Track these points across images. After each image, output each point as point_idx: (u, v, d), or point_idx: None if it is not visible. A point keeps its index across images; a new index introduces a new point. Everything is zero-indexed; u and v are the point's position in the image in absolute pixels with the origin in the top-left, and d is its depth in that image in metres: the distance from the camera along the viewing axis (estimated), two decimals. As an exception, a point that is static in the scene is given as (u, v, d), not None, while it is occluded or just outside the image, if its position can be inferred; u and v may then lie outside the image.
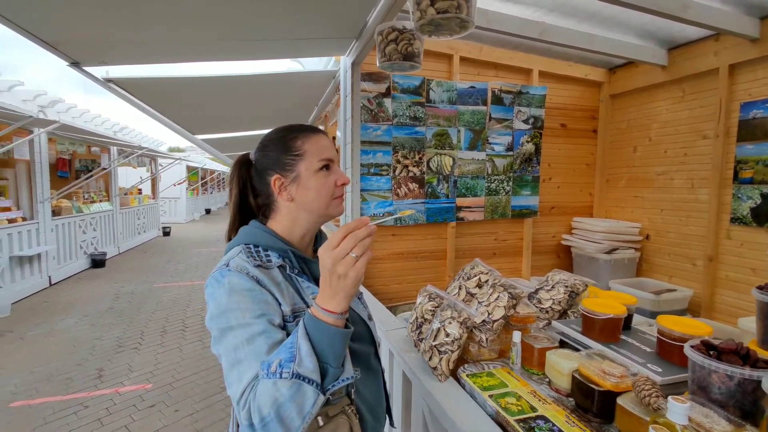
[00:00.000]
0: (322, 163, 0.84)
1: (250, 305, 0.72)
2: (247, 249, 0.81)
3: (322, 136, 0.88)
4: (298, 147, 0.85)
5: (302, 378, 0.62)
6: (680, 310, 2.44)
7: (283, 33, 1.98)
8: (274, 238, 0.84)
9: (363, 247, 0.63)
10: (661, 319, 1.07)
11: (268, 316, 0.72)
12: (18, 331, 4.24)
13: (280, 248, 0.83)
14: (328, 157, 0.85)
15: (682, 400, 0.71)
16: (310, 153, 0.85)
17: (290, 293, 0.78)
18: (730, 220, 2.34)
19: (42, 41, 1.67)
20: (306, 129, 0.88)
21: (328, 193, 0.85)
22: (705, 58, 2.44)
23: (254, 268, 0.76)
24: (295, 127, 0.89)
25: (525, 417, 0.97)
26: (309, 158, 0.84)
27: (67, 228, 6.53)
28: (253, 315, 0.71)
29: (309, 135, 0.87)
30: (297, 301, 0.78)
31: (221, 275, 0.75)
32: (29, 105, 4.73)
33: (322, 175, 0.84)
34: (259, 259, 0.79)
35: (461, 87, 2.71)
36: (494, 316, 1.24)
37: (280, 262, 0.81)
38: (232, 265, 0.76)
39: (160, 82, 2.46)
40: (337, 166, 0.88)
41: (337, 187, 0.86)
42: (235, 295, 0.72)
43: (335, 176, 0.86)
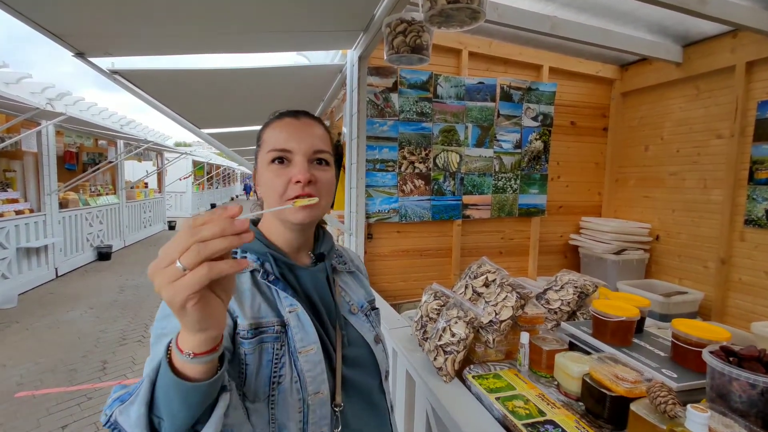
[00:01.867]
0: (274, 154, 0.70)
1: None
2: None
3: (287, 123, 0.73)
4: (261, 135, 0.75)
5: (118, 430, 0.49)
6: (690, 313, 2.39)
7: (289, 25, 1.95)
8: (255, 239, 0.71)
9: (201, 254, 0.39)
10: (676, 323, 1.04)
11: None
12: (24, 322, 4.28)
13: (259, 250, 0.72)
14: (281, 147, 0.70)
15: (702, 409, 0.68)
16: (265, 142, 0.73)
17: (256, 304, 0.67)
18: (744, 222, 2.28)
19: (47, 31, 1.65)
20: (280, 115, 0.76)
21: (278, 191, 0.69)
22: (721, 54, 2.37)
23: None
24: (277, 114, 0.77)
25: (533, 421, 0.94)
26: (263, 148, 0.73)
27: (74, 220, 6.58)
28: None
29: (273, 121, 0.75)
30: (264, 314, 0.66)
31: None
32: (37, 97, 4.74)
33: (273, 170, 0.70)
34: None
35: (469, 83, 2.66)
36: (502, 316, 1.21)
37: (256, 266, 0.71)
38: None
39: (165, 74, 2.44)
40: (300, 159, 0.70)
41: (292, 185, 0.69)
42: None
43: (293, 171, 0.69)
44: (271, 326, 0.66)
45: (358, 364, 0.75)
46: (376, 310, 0.87)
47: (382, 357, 0.81)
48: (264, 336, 0.65)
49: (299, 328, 0.67)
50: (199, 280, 0.39)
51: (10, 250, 5.03)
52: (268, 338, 0.65)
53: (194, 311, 0.41)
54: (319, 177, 0.71)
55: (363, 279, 0.92)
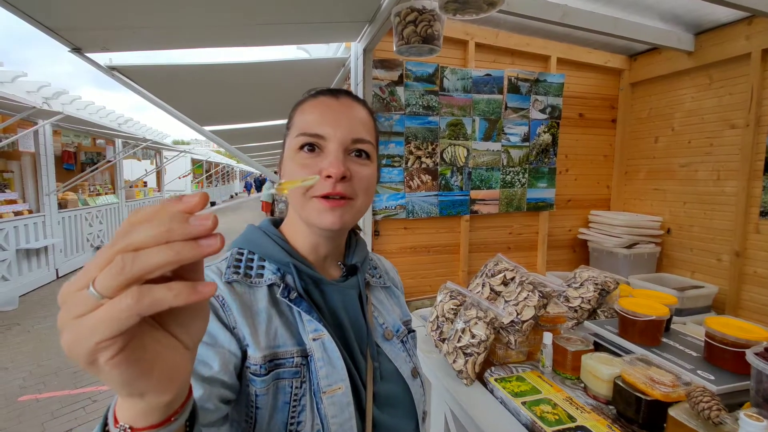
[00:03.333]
0: (301, 140, 0.57)
1: None
2: (238, 255, 0.60)
3: (322, 103, 0.60)
4: (290, 118, 0.63)
5: None
6: (705, 307, 2.35)
7: (292, 17, 1.88)
8: (275, 244, 0.61)
9: (125, 272, 0.23)
10: (710, 322, 0.99)
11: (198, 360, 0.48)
12: (25, 324, 4.23)
13: (281, 259, 0.59)
14: (312, 132, 0.57)
15: (758, 418, 0.63)
16: (294, 125, 0.60)
17: (273, 328, 0.54)
18: (760, 214, 2.23)
19: (42, 25, 1.59)
20: (316, 93, 0.63)
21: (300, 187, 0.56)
22: (736, 42, 2.31)
23: (225, 284, 0.55)
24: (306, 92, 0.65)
25: (564, 428, 0.90)
26: (292, 132, 0.60)
27: (74, 221, 6.52)
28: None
29: (305, 100, 0.62)
30: (282, 343, 0.54)
31: None
32: (33, 96, 4.66)
33: (300, 159, 0.58)
34: (244, 272, 0.58)
35: (476, 75, 2.60)
36: (524, 316, 1.16)
37: (275, 279, 0.58)
38: None
39: (164, 69, 2.37)
40: (335, 148, 0.57)
41: (321, 179, 0.56)
42: None
43: (324, 163, 0.56)
44: (289, 357, 0.54)
45: (392, 403, 0.63)
46: (413, 334, 0.73)
47: (420, 394, 0.67)
48: (280, 371, 0.53)
49: (325, 361, 0.55)
50: (118, 317, 0.22)
51: (9, 251, 4.97)
52: (286, 373, 0.53)
53: (113, 367, 0.24)
54: (357, 172, 0.58)
55: (399, 295, 0.79)
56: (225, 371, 0.49)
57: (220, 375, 0.48)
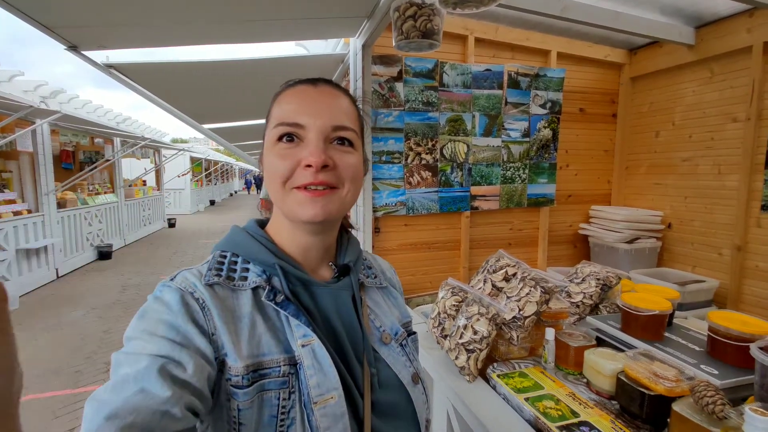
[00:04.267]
0: (279, 130, 0.55)
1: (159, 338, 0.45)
2: (220, 258, 0.57)
3: (301, 91, 0.57)
4: (269, 110, 0.60)
5: None
6: (706, 301, 2.35)
7: (289, 13, 1.87)
8: (260, 245, 0.58)
9: None
10: (713, 316, 0.98)
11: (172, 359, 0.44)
12: (26, 324, 4.23)
13: (266, 261, 0.56)
14: (291, 121, 0.54)
15: (764, 413, 0.63)
16: (272, 116, 0.58)
17: (257, 335, 0.51)
18: (761, 208, 2.23)
19: (37, 23, 1.58)
20: (294, 82, 0.60)
21: (280, 177, 0.54)
22: (737, 35, 2.29)
23: (205, 287, 0.51)
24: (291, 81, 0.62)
25: (567, 423, 0.89)
26: (270, 123, 0.58)
27: (73, 220, 6.51)
28: (155, 350, 0.44)
29: (284, 90, 0.59)
30: (267, 351, 0.50)
31: (158, 291, 0.51)
32: (30, 95, 4.64)
33: (279, 150, 0.55)
34: (227, 275, 0.54)
35: (476, 70, 2.58)
36: (526, 312, 1.15)
37: (260, 281, 0.55)
38: (177, 279, 0.52)
39: (162, 67, 2.36)
40: (315, 137, 0.54)
41: (300, 169, 0.53)
42: (150, 316, 0.48)
43: (304, 152, 0.54)
44: (275, 367, 0.50)
45: (392, 412, 0.58)
46: (413, 336, 0.69)
47: (422, 402, 0.63)
48: (266, 381, 0.49)
49: (315, 369, 0.51)
50: None
51: (9, 251, 4.96)
52: (272, 384, 0.49)
53: None
54: (339, 161, 0.55)
55: (397, 295, 0.74)
56: (198, 378, 0.45)
57: (193, 380, 0.44)
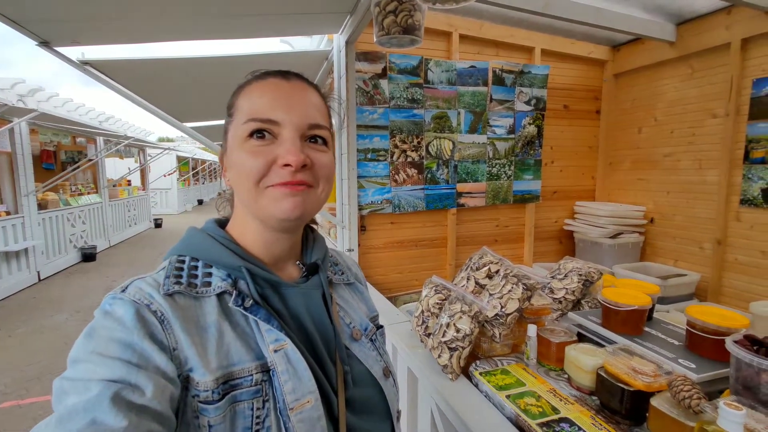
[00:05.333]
0: (251, 126, 0.52)
1: (112, 359, 0.41)
2: (178, 263, 0.53)
3: (272, 84, 0.55)
4: (233, 103, 0.57)
5: None
6: (687, 294, 2.39)
7: (271, 8, 1.83)
8: (223, 247, 0.55)
9: None
10: (690, 310, 0.99)
11: (127, 383, 0.41)
12: (6, 328, 4.12)
13: (231, 264, 0.53)
14: (264, 117, 0.52)
15: (737, 406, 0.63)
16: (239, 110, 0.55)
17: (225, 344, 0.48)
18: (740, 202, 2.27)
19: (5, 17, 1.52)
20: (262, 74, 0.57)
21: (253, 176, 0.51)
22: (716, 32, 2.33)
23: (164, 297, 0.48)
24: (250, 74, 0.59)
25: (548, 420, 0.89)
26: (237, 118, 0.55)
27: (55, 221, 6.34)
28: (107, 374, 0.40)
29: (250, 83, 0.57)
30: (237, 360, 0.48)
31: (107, 304, 0.47)
32: (6, 93, 4.50)
33: (250, 147, 0.52)
34: (188, 282, 0.51)
35: (461, 67, 2.58)
36: (508, 309, 1.15)
37: (226, 286, 0.52)
38: (129, 290, 0.48)
39: (140, 64, 2.29)
40: (291, 135, 0.52)
41: (277, 167, 0.52)
42: (102, 333, 0.43)
43: (280, 150, 0.52)
44: (247, 376, 0.47)
45: (366, 408, 0.58)
46: (381, 330, 0.69)
47: (393, 394, 0.64)
48: (237, 392, 0.46)
49: (290, 374, 0.49)
50: None
51: (-13, 254, 4.82)
52: (244, 395, 0.47)
53: None
54: (317, 160, 0.54)
55: (363, 290, 0.74)
56: (159, 400, 0.41)
57: (153, 404, 0.41)
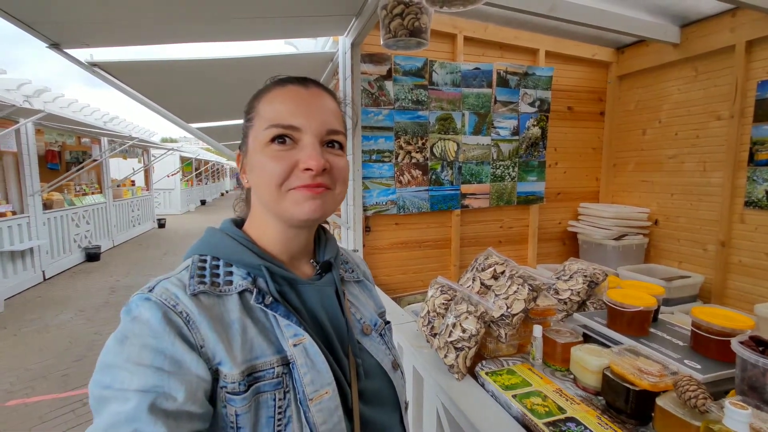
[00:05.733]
0: (273, 131, 0.55)
1: (145, 367, 0.44)
2: (200, 263, 0.56)
3: (293, 92, 0.58)
4: (253, 107, 0.59)
5: None
6: (691, 296, 2.39)
7: (278, 11, 1.85)
8: (243, 247, 0.57)
9: None
10: (696, 311, 1.00)
11: (161, 392, 0.43)
12: (12, 327, 4.15)
13: (250, 263, 0.56)
14: (286, 123, 0.55)
15: (743, 406, 0.64)
16: (259, 116, 0.57)
17: (248, 339, 0.51)
18: (744, 204, 2.27)
19: (16, 20, 1.54)
20: (275, 81, 0.60)
21: (276, 180, 0.54)
22: (720, 34, 2.33)
23: (191, 297, 0.50)
24: (269, 80, 0.62)
25: (554, 419, 0.90)
26: (257, 124, 0.57)
27: (60, 221, 6.39)
28: (143, 384, 0.43)
29: (269, 90, 0.59)
30: (260, 353, 0.51)
31: (135, 305, 0.49)
32: (12, 94, 4.54)
33: (272, 152, 0.55)
34: (211, 281, 0.54)
35: (465, 68, 2.59)
36: (514, 309, 1.16)
37: (246, 284, 0.54)
38: (156, 291, 0.50)
39: (147, 65, 2.32)
40: (311, 141, 0.55)
41: (299, 171, 0.54)
42: (134, 341, 0.46)
43: (298, 154, 0.55)
44: (269, 368, 0.51)
45: (377, 399, 0.61)
46: (389, 325, 0.72)
47: (401, 386, 0.67)
48: (261, 384, 0.49)
49: (309, 367, 0.52)
50: None
51: (-7, 254, 4.87)
52: (267, 386, 0.50)
53: None
54: (335, 163, 0.57)
55: (371, 287, 0.78)
56: (193, 400, 0.45)
57: (187, 406, 0.44)
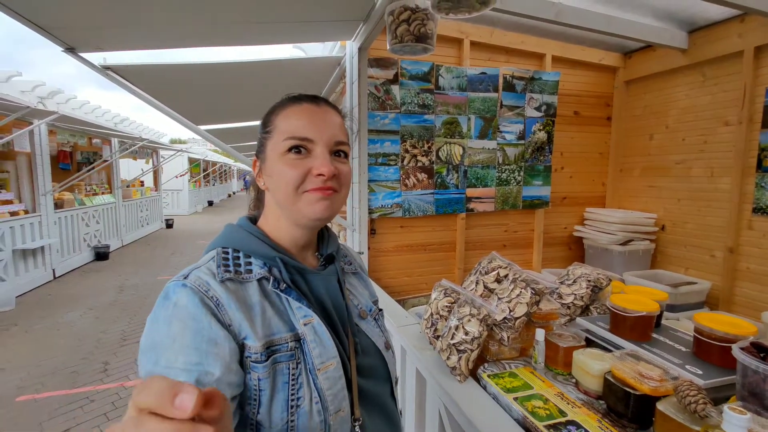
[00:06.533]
0: (290, 143, 0.65)
1: (188, 344, 0.53)
2: (224, 255, 0.65)
3: (306, 109, 0.68)
4: (271, 121, 0.69)
5: None
6: (698, 303, 2.37)
7: (286, 16, 1.88)
8: (259, 240, 0.68)
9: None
10: (698, 317, 1.00)
11: (202, 369, 0.52)
12: (23, 324, 4.22)
13: (266, 254, 0.66)
14: (301, 136, 0.65)
15: (741, 411, 0.65)
16: (278, 130, 0.67)
17: (267, 318, 0.61)
18: (753, 210, 2.25)
19: (33, 24, 1.59)
20: (290, 99, 0.70)
21: (293, 184, 0.64)
22: (729, 40, 2.32)
23: (220, 284, 0.60)
24: (287, 97, 0.72)
25: (555, 422, 0.91)
26: (276, 136, 0.67)
27: (70, 221, 6.49)
28: (187, 362, 0.52)
29: (286, 105, 0.69)
30: (277, 330, 0.60)
31: (173, 291, 0.58)
32: (27, 96, 4.64)
33: (289, 160, 0.65)
34: (234, 270, 0.63)
35: (471, 73, 2.61)
36: (516, 313, 1.17)
37: (264, 273, 0.64)
38: (191, 277, 0.59)
39: (159, 69, 2.37)
40: (322, 151, 0.66)
41: (312, 177, 0.64)
42: (176, 324, 0.55)
43: (311, 162, 0.65)
44: (284, 343, 0.60)
45: (372, 373, 0.72)
46: (382, 312, 0.83)
47: (393, 363, 0.78)
48: (277, 355, 0.59)
49: (317, 343, 0.62)
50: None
51: (5, 251, 4.95)
52: (282, 357, 0.59)
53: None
54: (341, 170, 0.67)
55: (366, 278, 0.88)
56: (228, 371, 0.54)
57: (225, 377, 0.53)
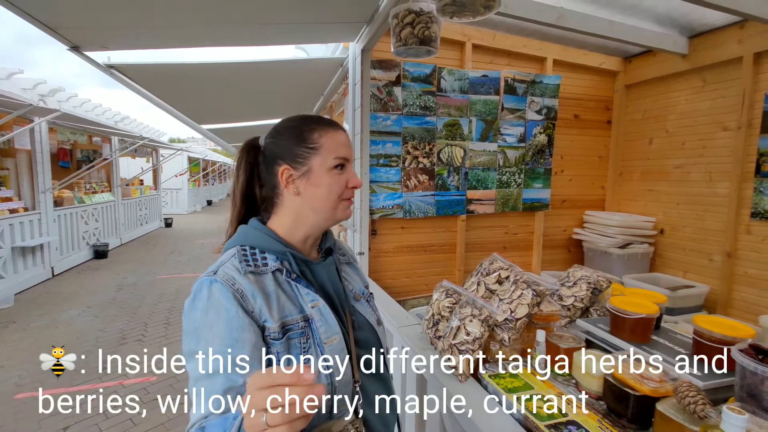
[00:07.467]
0: (338, 161, 0.79)
1: (222, 331, 0.65)
2: (243, 251, 0.76)
3: (341, 133, 0.83)
4: (315, 140, 0.79)
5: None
6: (696, 306, 2.39)
7: (291, 17, 1.90)
8: (272, 239, 0.78)
9: (284, 417, 0.43)
10: (697, 319, 1.02)
11: (237, 352, 0.64)
12: (21, 322, 4.22)
13: (278, 250, 0.77)
14: (345, 156, 0.80)
15: (740, 411, 0.66)
16: (326, 148, 0.79)
17: (281, 303, 0.72)
18: (751, 215, 2.27)
19: (40, 23, 1.60)
20: (325, 122, 0.82)
21: (338, 194, 0.80)
22: (728, 46, 2.34)
23: (243, 276, 0.71)
24: (313, 118, 0.83)
25: (555, 422, 0.92)
26: (324, 153, 0.79)
27: (69, 219, 6.49)
28: (222, 345, 0.64)
29: (327, 129, 0.81)
30: (289, 313, 0.72)
31: (205, 284, 0.70)
32: (29, 93, 4.64)
33: (335, 174, 0.79)
34: (254, 264, 0.74)
35: (473, 76, 2.62)
36: (517, 314, 1.18)
37: (277, 265, 0.76)
38: (219, 273, 0.71)
39: (162, 68, 2.38)
40: (351, 167, 0.83)
41: (347, 189, 0.81)
42: (212, 313, 0.67)
43: (347, 177, 0.81)
44: (295, 323, 0.72)
45: (366, 345, 0.85)
46: (372, 295, 0.96)
47: (383, 337, 0.92)
48: (291, 333, 0.71)
49: (322, 322, 0.74)
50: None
51: (5, 249, 4.95)
52: (295, 334, 0.71)
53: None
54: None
55: (358, 267, 1.01)
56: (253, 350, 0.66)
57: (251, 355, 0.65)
